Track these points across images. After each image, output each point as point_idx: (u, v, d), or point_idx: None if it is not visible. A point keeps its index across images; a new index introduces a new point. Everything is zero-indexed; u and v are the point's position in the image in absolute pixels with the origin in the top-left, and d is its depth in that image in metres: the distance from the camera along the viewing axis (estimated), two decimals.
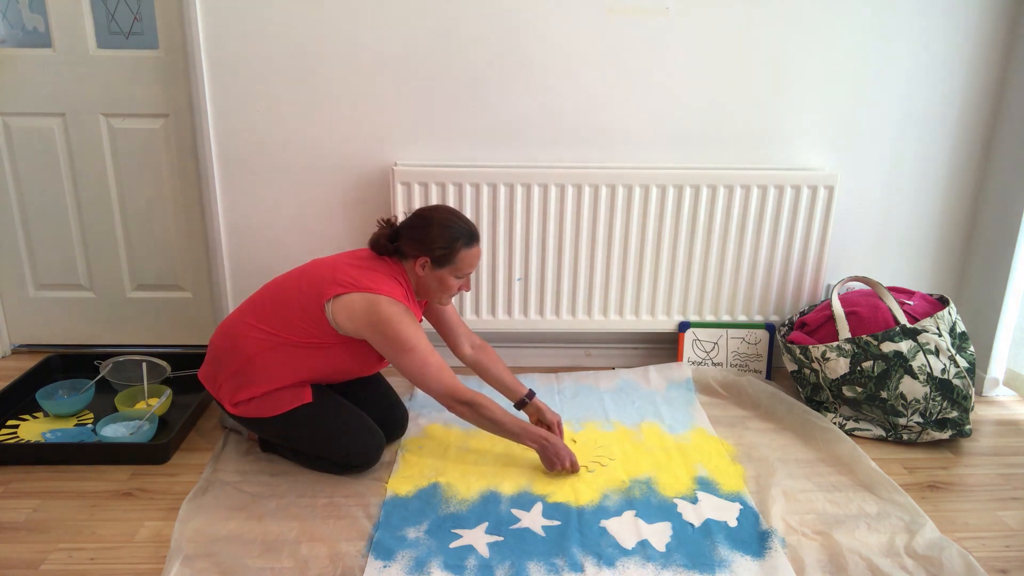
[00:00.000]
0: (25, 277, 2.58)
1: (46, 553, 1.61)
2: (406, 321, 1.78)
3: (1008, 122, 2.36)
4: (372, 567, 1.56)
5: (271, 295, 1.88)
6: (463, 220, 1.86)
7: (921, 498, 1.85)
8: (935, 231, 2.53)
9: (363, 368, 1.94)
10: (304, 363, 1.84)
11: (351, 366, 1.91)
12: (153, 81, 2.35)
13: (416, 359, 1.78)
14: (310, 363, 1.84)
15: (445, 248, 1.81)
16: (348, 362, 1.88)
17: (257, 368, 1.83)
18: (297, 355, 1.82)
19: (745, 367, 2.53)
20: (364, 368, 1.95)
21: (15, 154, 2.43)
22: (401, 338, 1.77)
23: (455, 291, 1.90)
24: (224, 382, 1.89)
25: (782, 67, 2.33)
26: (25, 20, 2.32)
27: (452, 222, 1.84)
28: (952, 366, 2.05)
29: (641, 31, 2.27)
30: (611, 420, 2.19)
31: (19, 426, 2.12)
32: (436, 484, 1.86)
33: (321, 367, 1.86)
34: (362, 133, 2.35)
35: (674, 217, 2.38)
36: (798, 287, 2.49)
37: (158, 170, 2.45)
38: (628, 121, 2.36)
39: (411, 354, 1.78)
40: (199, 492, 1.81)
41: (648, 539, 1.66)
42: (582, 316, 2.49)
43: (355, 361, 1.89)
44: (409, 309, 1.81)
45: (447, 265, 1.84)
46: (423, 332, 1.82)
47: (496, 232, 2.37)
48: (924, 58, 2.33)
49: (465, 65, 2.29)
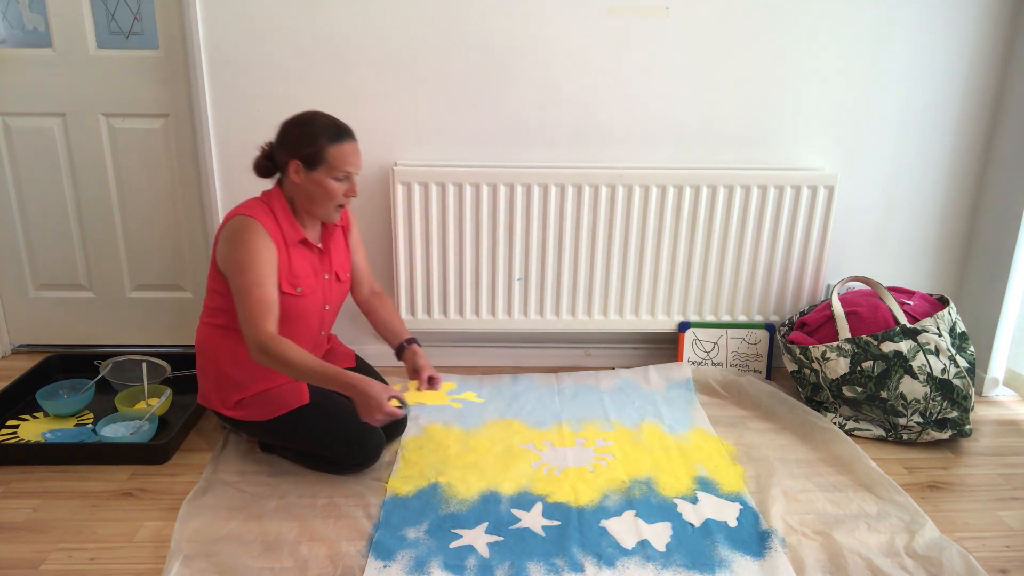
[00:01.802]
0: (25, 277, 2.58)
1: (46, 553, 1.61)
2: (252, 241, 1.70)
3: (1008, 122, 2.36)
4: (372, 567, 1.56)
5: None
6: (327, 117, 1.78)
7: (921, 498, 1.85)
8: (935, 231, 2.53)
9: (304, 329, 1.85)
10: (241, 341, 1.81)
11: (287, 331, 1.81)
12: (153, 81, 2.35)
13: (244, 281, 1.69)
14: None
15: (310, 146, 1.73)
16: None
17: (226, 367, 1.84)
18: (238, 336, 1.79)
19: (745, 367, 2.53)
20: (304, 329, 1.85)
21: (15, 154, 2.43)
22: (237, 254, 1.70)
23: (340, 196, 1.78)
24: (211, 393, 1.91)
25: (782, 67, 2.33)
26: (25, 20, 2.32)
27: (314, 119, 1.76)
28: (952, 366, 2.05)
29: (641, 31, 2.27)
30: (611, 420, 2.19)
31: (19, 426, 2.12)
32: (436, 484, 1.86)
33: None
34: (362, 133, 2.32)
35: (674, 217, 2.38)
36: (798, 287, 2.49)
37: (158, 170, 2.45)
38: (628, 121, 2.36)
39: (241, 275, 1.69)
40: (199, 492, 1.81)
41: (648, 539, 1.66)
42: (582, 316, 2.49)
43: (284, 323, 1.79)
44: (264, 230, 1.72)
45: (320, 165, 1.74)
46: (268, 262, 1.71)
47: (496, 232, 2.37)
48: (924, 58, 2.33)
49: (465, 65, 2.29)
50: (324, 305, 1.91)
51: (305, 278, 1.84)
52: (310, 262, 1.86)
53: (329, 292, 1.92)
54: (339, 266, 1.95)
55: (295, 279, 1.81)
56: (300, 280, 1.83)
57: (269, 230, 1.75)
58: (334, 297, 1.95)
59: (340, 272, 1.95)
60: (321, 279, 1.89)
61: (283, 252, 1.79)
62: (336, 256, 1.94)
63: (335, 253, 1.94)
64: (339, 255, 1.95)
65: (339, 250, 1.96)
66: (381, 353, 2.58)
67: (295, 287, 1.81)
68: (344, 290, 1.99)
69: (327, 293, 1.91)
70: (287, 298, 1.80)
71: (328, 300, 1.92)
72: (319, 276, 1.89)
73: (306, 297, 1.84)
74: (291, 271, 1.80)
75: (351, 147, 1.78)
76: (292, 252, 1.81)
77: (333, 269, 1.92)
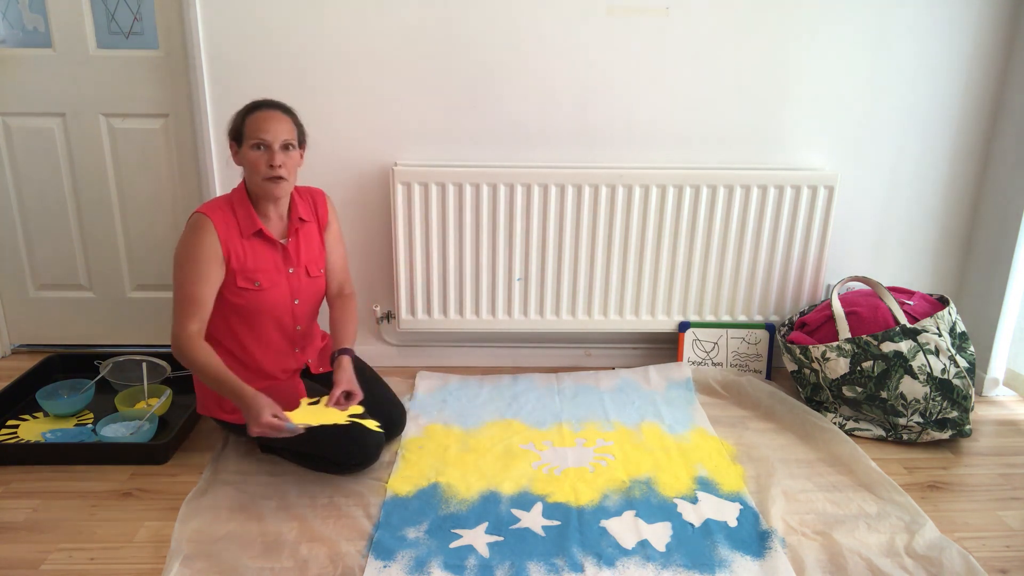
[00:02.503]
0: (25, 277, 2.58)
1: (46, 553, 1.61)
2: (193, 239, 1.73)
3: (1008, 122, 2.36)
4: (372, 567, 1.56)
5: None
6: (261, 98, 1.82)
7: (921, 498, 1.85)
8: (935, 231, 2.53)
9: (273, 324, 1.86)
10: (226, 339, 1.85)
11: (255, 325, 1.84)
12: (153, 81, 2.35)
13: (179, 277, 1.74)
14: (228, 337, 1.85)
15: (234, 123, 1.79)
16: (239, 322, 1.83)
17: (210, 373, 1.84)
18: (212, 336, 1.81)
19: (745, 367, 2.53)
20: (274, 323, 1.87)
21: (15, 154, 2.43)
22: (178, 250, 1.75)
23: (263, 168, 1.75)
24: (207, 400, 1.93)
25: (782, 67, 2.33)
26: (25, 20, 2.32)
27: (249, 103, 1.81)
28: (952, 366, 2.05)
29: (641, 31, 2.27)
30: (611, 420, 2.19)
31: (19, 426, 2.12)
32: (436, 484, 1.86)
33: (237, 336, 1.85)
34: (362, 133, 2.35)
35: (674, 217, 2.38)
36: (798, 287, 2.49)
37: (158, 170, 2.45)
38: (628, 121, 2.36)
39: (178, 271, 1.74)
40: (199, 492, 1.81)
41: (648, 539, 1.66)
42: (582, 316, 2.49)
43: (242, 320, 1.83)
44: (212, 229, 1.74)
45: (243, 140, 1.76)
46: (206, 262, 1.73)
47: (496, 232, 2.37)
48: (924, 58, 2.33)
49: (465, 65, 2.29)
50: (293, 300, 1.90)
51: (265, 272, 1.83)
52: (271, 256, 1.85)
53: (297, 287, 1.90)
54: (309, 261, 1.92)
55: (252, 273, 1.81)
56: (258, 274, 1.82)
57: (219, 226, 1.76)
58: (304, 292, 1.92)
59: (310, 267, 1.92)
60: (285, 273, 1.87)
61: (236, 246, 1.79)
62: (306, 251, 1.91)
63: (304, 248, 1.91)
64: (310, 250, 1.93)
65: (311, 246, 1.93)
66: (381, 353, 2.59)
67: (252, 281, 1.81)
68: (318, 286, 1.96)
69: (295, 287, 1.89)
70: (247, 293, 1.80)
71: (297, 295, 1.90)
72: (282, 271, 1.87)
73: (267, 291, 1.83)
74: (246, 266, 1.80)
75: (264, 115, 1.76)
76: (248, 245, 1.81)
77: (301, 263, 1.90)
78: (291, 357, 1.96)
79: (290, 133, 1.79)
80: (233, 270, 1.79)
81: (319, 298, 1.99)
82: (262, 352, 1.90)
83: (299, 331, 1.95)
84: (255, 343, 1.88)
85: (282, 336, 1.92)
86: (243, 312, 1.83)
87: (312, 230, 1.95)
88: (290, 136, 1.79)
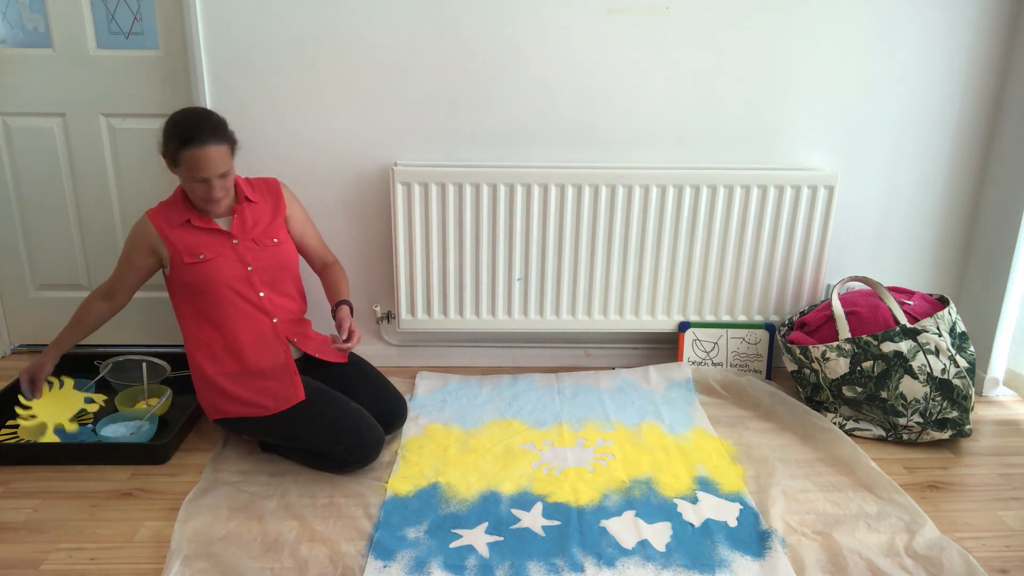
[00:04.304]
0: (25, 277, 2.58)
1: (46, 553, 1.61)
2: (132, 233, 1.93)
3: (1008, 122, 2.36)
4: (372, 567, 1.56)
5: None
6: (189, 117, 1.82)
7: (921, 498, 1.85)
8: (935, 231, 2.53)
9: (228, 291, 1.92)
10: (209, 333, 1.93)
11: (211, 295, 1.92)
12: (153, 81, 2.35)
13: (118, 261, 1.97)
14: (210, 329, 1.93)
15: (166, 146, 1.81)
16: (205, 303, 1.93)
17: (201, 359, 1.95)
18: (190, 328, 1.95)
19: (745, 367, 2.53)
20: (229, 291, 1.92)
21: (15, 154, 2.43)
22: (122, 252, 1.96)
23: (202, 197, 1.85)
24: (204, 394, 1.94)
25: (782, 67, 2.33)
26: (25, 20, 2.32)
27: (175, 119, 1.82)
28: (952, 366, 2.05)
29: (641, 31, 2.27)
30: (611, 420, 2.19)
31: (19, 426, 2.11)
32: (436, 484, 1.86)
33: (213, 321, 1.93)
34: (362, 133, 2.35)
35: (674, 217, 2.38)
36: (798, 287, 2.49)
37: (158, 170, 2.44)
38: (628, 121, 2.36)
39: (121, 255, 1.96)
40: (199, 492, 1.81)
41: (648, 539, 1.66)
42: (582, 316, 2.49)
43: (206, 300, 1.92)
44: (147, 225, 1.90)
45: (178, 166, 1.81)
46: (130, 255, 1.93)
47: (496, 232, 2.37)
48: (924, 58, 2.33)
49: (465, 65, 2.29)
50: (246, 267, 1.94)
51: (208, 246, 1.92)
52: (210, 235, 1.93)
53: (247, 254, 1.95)
54: (256, 233, 1.97)
55: (194, 248, 1.91)
56: (201, 248, 1.91)
57: (156, 220, 1.90)
58: (257, 260, 1.96)
59: (258, 238, 1.97)
60: (230, 244, 1.93)
61: (169, 234, 1.90)
62: (252, 225, 1.97)
63: (250, 223, 1.97)
64: (257, 224, 1.98)
65: (257, 221, 1.99)
66: (381, 353, 2.59)
67: (196, 255, 1.90)
68: (273, 254, 1.98)
69: (244, 255, 1.94)
70: (196, 267, 1.90)
71: (250, 262, 1.95)
72: (225, 243, 1.93)
73: (212, 261, 1.91)
74: (188, 244, 1.91)
75: (200, 152, 1.77)
76: (182, 230, 1.91)
77: (247, 236, 1.95)
78: (273, 337, 1.95)
79: (226, 163, 1.84)
80: (179, 251, 1.90)
81: (281, 264, 2.00)
82: (242, 331, 1.92)
83: (263, 297, 1.96)
84: (228, 320, 1.92)
85: (249, 305, 1.94)
86: (199, 285, 1.91)
87: (260, 209, 2.01)
88: (226, 166, 1.84)
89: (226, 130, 1.85)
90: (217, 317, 1.92)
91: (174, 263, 1.91)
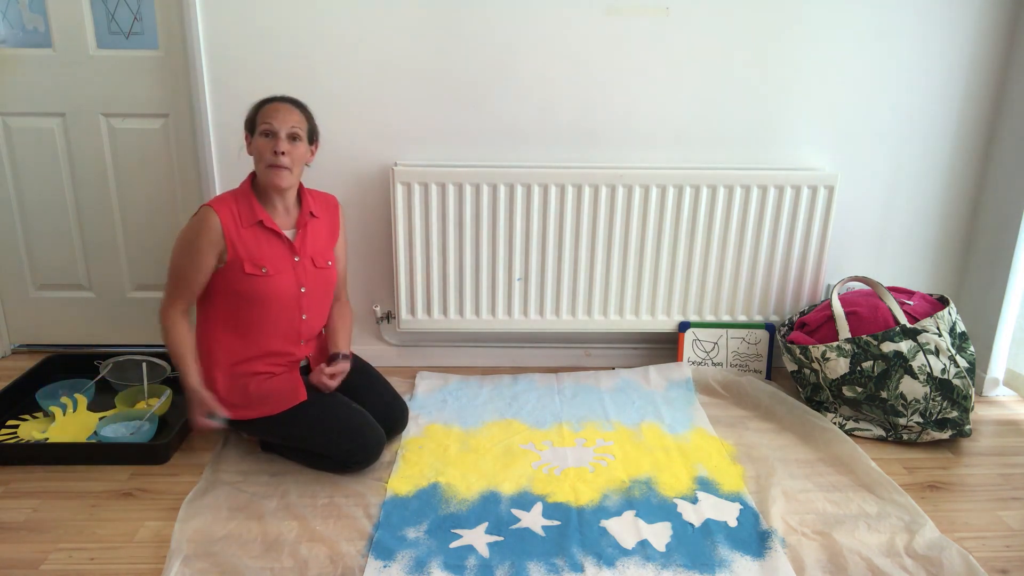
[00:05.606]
0: (25, 277, 2.58)
1: (46, 553, 1.61)
2: (194, 229, 1.79)
3: (1008, 122, 2.36)
4: (372, 567, 1.56)
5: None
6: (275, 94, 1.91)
7: (921, 498, 1.85)
8: (935, 231, 2.53)
9: (279, 310, 1.88)
10: (231, 321, 1.87)
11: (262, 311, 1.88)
12: (153, 81, 2.35)
13: (176, 263, 1.82)
14: (233, 319, 1.87)
15: (252, 112, 1.86)
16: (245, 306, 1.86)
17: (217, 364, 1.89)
18: (212, 327, 1.88)
19: (745, 367, 2.53)
20: (280, 310, 1.89)
21: (15, 154, 2.43)
22: (180, 236, 1.83)
23: (268, 154, 1.81)
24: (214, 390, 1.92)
25: (782, 67, 2.33)
26: (25, 20, 2.32)
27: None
28: (952, 366, 2.05)
29: (641, 31, 2.27)
30: (611, 420, 2.19)
31: (19, 426, 2.12)
32: (436, 484, 1.86)
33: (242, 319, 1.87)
34: (362, 133, 2.35)
35: (674, 217, 2.38)
36: (798, 287, 2.49)
37: (158, 170, 2.45)
38: (628, 121, 2.36)
39: (178, 256, 1.82)
40: (199, 492, 1.81)
41: (648, 539, 1.66)
42: (582, 316, 2.49)
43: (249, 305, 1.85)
44: (215, 220, 1.78)
45: (255, 129, 1.84)
46: (201, 253, 1.79)
47: (496, 232, 2.37)
48: (924, 58, 2.34)
49: (465, 65, 2.29)
50: (300, 287, 1.91)
51: (271, 259, 1.86)
52: (276, 244, 1.87)
53: (304, 275, 1.92)
54: (315, 252, 1.94)
55: (259, 259, 1.84)
56: (265, 261, 1.85)
57: (224, 217, 1.80)
58: (311, 281, 1.93)
59: (316, 258, 1.94)
60: (291, 261, 1.89)
61: (241, 235, 1.82)
62: (312, 243, 1.94)
63: (311, 240, 1.94)
64: (316, 243, 1.95)
65: (317, 239, 1.96)
66: (381, 353, 2.59)
67: (260, 267, 1.84)
68: (325, 277, 1.97)
69: (301, 276, 1.91)
70: (255, 279, 1.83)
71: (304, 283, 1.92)
72: (288, 259, 1.89)
73: (274, 277, 1.85)
74: (252, 253, 1.83)
75: (275, 106, 1.84)
76: (249, 233, 1.84)
77: (307, 254, 1.92)
78: (294, 346, 1.96)
79: (299, 124, 1.84)
80: (240, 257, 1.81)
81: (327, 289, 1.99)
82: (269, 344, 1.90)
83: (304, 320, 1.95)
84: (261, 334, 1.89)
85: (288, 324, 1.92)
86: (250, 297, 1.85)
87: (320, 226, 1.97)
88: (298, 126, 1.83)
89: (306, 108, 1.90)
90: (249, 328, 1.87)
91: (231, 267, 1.82)
